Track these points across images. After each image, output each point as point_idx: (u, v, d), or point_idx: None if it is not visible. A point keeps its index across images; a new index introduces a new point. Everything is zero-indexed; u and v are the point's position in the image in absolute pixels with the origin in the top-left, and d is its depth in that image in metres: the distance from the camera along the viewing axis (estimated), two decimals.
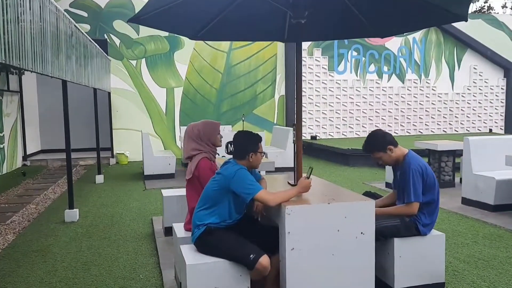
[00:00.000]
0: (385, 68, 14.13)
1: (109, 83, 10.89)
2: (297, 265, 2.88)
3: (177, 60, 12.26)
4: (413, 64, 14.37)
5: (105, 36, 11.72)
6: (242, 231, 3.10)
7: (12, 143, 10.21)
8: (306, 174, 3.14)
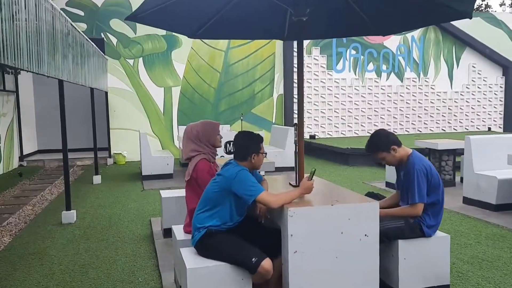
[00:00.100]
0: (384, 67, 14.08)
1: (106, 83, 10.80)
2: (300, 268, 2.83)
3: (174, 59, 12.17)
4: (411, 63, 14.33)
5: (102, 35, 11.63)
6: (243, 233, 3.04)
7: (8, 143, 10.12)
8: (308, 175, 3.08)
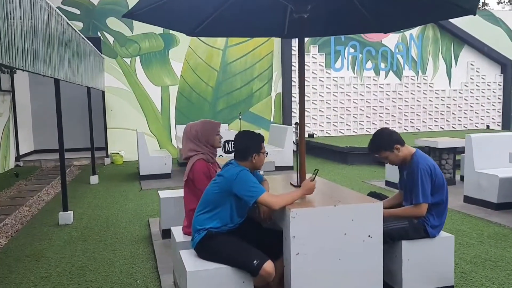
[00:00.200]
0: (382, 65, 14.03)
1: (103, 82, 10.71)
2: (302, 270, 2.77)
3: (172, 58, 12.09)
4: (410, 61, 14.28)
5: (99, 33, 11.53)
6: (244, 235, 2.98)
7: (4, 143, 10.02)
8: (311, 176, 3.02)
